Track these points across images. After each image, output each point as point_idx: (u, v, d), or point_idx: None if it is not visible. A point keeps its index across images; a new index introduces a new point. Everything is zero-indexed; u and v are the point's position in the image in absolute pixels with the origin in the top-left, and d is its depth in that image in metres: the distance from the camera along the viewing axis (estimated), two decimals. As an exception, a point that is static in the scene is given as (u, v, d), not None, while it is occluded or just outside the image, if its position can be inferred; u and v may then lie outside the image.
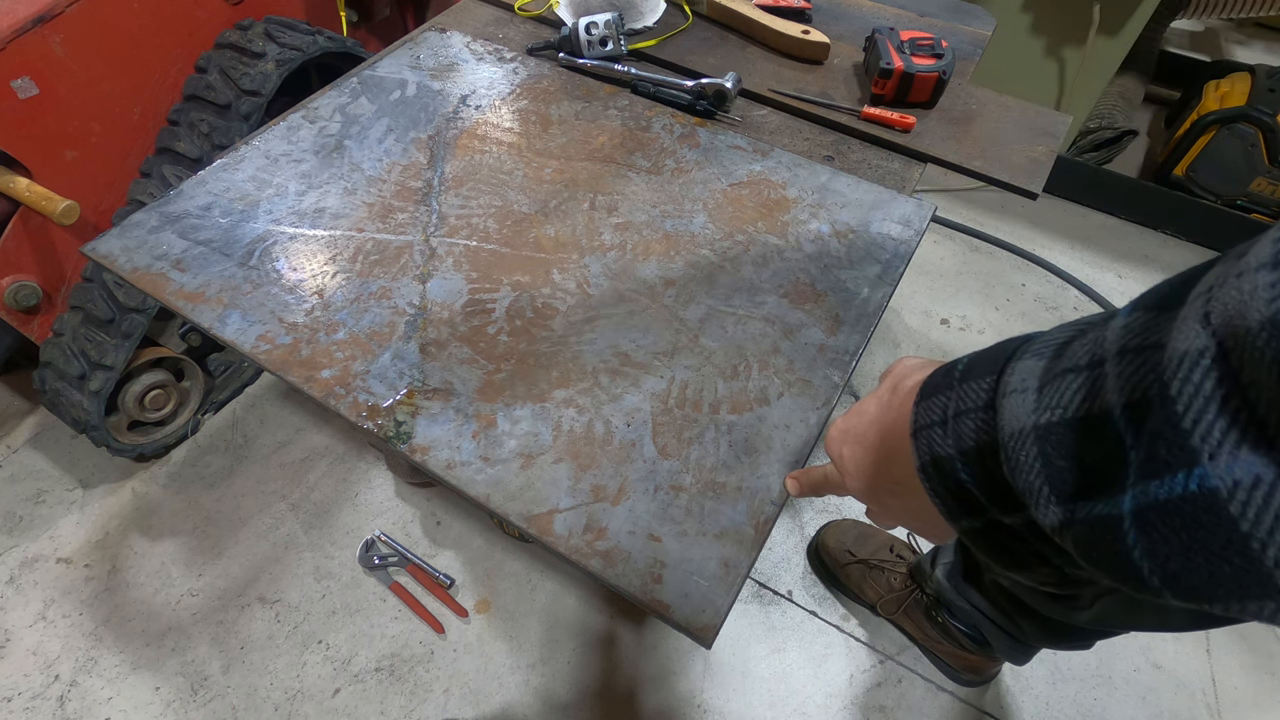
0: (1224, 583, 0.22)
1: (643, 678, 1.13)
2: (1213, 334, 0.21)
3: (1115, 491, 0.25)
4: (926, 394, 0.37)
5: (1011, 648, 0.95)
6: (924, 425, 0.36)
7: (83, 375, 1.18)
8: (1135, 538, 0.24)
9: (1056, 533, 0.28)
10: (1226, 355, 0.21)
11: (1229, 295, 0.21)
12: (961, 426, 0.34)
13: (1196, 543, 0.22)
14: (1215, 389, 0.21)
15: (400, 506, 1.30)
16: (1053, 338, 0.31)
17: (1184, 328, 0.23)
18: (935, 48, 0.95)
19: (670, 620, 0.53)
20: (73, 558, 1.24)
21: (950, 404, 0.35)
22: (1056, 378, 0.29)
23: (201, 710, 1.09)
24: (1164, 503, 0.22)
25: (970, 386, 0.34)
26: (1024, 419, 0.29)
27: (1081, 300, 1.68)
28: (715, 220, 0.81)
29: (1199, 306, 0.23)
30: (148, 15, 1.14)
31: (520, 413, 0.64)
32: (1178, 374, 0.22)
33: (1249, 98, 1.70)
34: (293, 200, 0.81)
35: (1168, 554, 0.23)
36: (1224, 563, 0.21)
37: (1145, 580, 0.24)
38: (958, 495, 0.35)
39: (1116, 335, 0.27)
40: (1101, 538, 0.25)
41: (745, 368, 0.68)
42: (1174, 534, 0.22)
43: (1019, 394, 0.30)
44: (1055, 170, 0.89)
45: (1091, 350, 0.28)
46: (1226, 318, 0.21)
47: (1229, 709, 1.11)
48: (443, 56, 1.01)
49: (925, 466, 0.36)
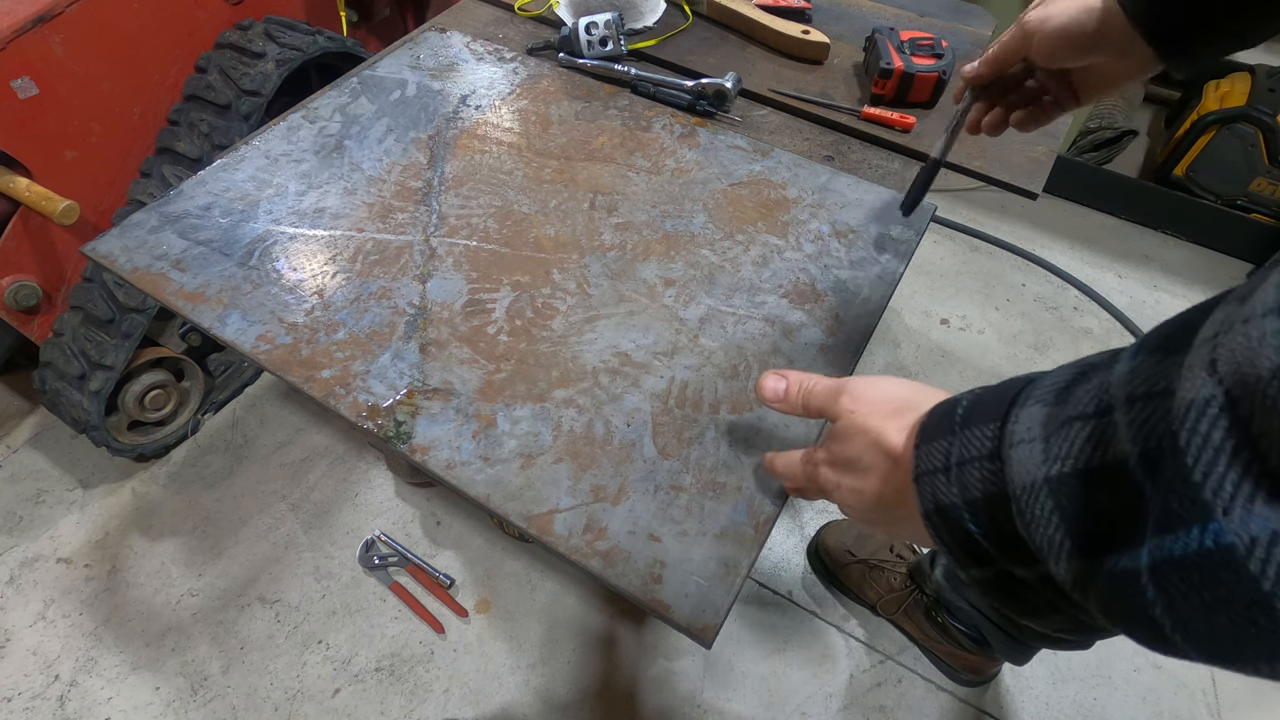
0: (1251, 644, 0.21)
1: (643, 678, 1.13)
2: (1219, 382, 0.21)
3: (1135, 544, 0.24)
4: (927, 437, 0.36)
5: (1011, 648, 0.95)
6: (926, 471, 0.35)
7: (83, 375, 1.18)
8: (1155, 593, 0.23)
9: (1077, 588, 0.27)
10: (1235, 404, 0.20)
11: (1236, 342, 0.21)
12: (967, 476, 0.33)
13: (1219, 602, 0.21)
14: (1224, 439, 0.20)
15: (400, 506, 1.30)
16: (1055, 381, 0.30)
17: (1190, 375, 0.22)
18: (935, 48, 0.95)
19: (670, 620, 0.53)
20: (73, 558, 1.24)
21: (954, 450, 0.34)
22: (1064, 425, 0.28)
23: (201, 710, 1.09)
24: (1180, 559, 0.21)
25: (973, 433, 0.33)
26: (1034, 470, 0.28)
27: (1082, 300, 1.68)
28: (715, 220, 0.81)
29: (1205, 353, 0.22)
30: (148, 15, 1.14)
31: (520, 413, 0.64)
32: (1185, 424, 0.21)
33: (1249, 98, 1.70)
34: (293, 200, 0.81)
35: (1189, 612, 0.22)
36: (1248, 624, 0.20)
37: (1168, 639, 0.23)
38: (965, 545, 0.34)
39: (1123, 381, 0.26)
40: (1122, 593, 0.24)
41: (745, 368, 0.68)
42: (1193, 592, 0.21)
43: (1026, 444, 0.29)
44: (1055, 170, 0.89)
45: (1098, 396, 0.27)
46: (1234, 365, 0.20)
47: (1229, 709, 1.11)
48: (443, 56, 1.01)
49: (929, 514, 0.35)
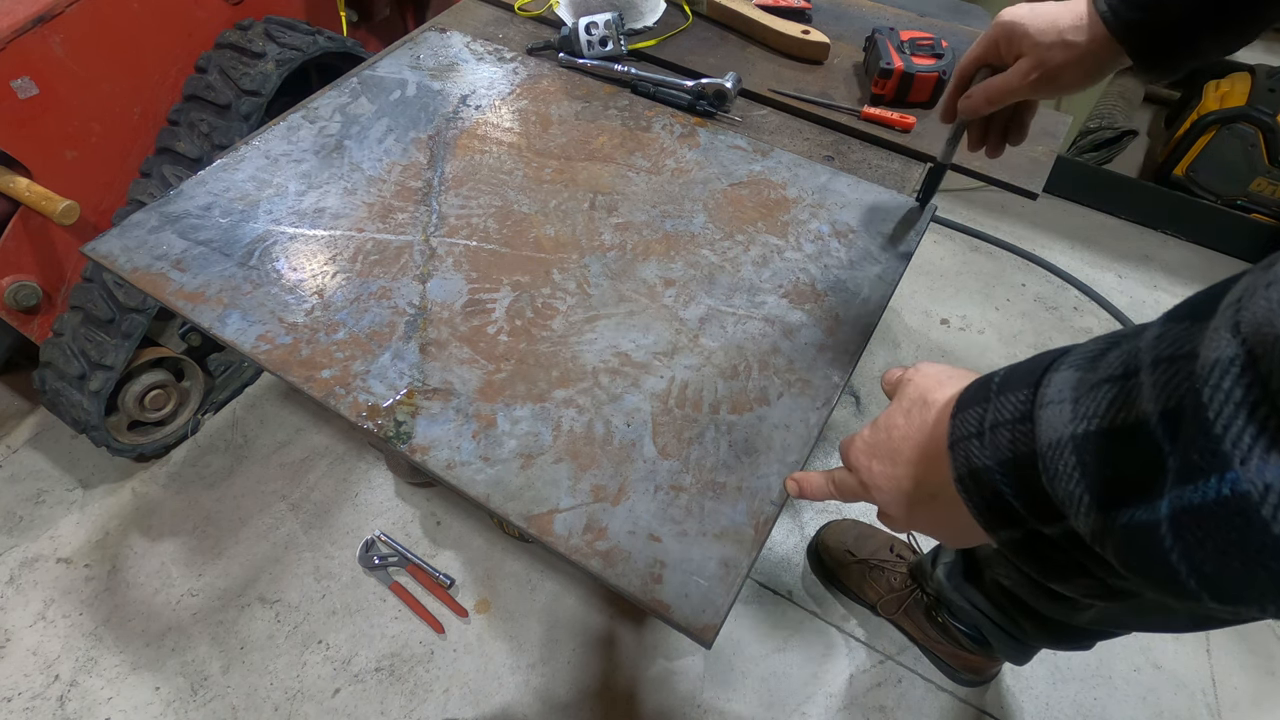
0: (1259, 586, 0.22)
1: (643, 678, 1.13)
2: (1242, 342, 0.22)
3: (1154, 497, 0.25)
4: (963, 406, 0.38)
5: (1012, 648, 0.95)
6: (961, 437, 0.37)
7: (83, 375, 1.18)
8: (1172, 541, 0.24)
9: (1096, 540, 0.29)
10: (1256, 363, 0.22)
11: (1258, 305, 0.22)
12: (999, 438, 0.34)
13: (1232, 546, 0.22)
14: (1245, 395, 0.22)
15: (400, 506, 1.30)
16: (1087, 350, 0.32)
17: (1215, 337, 0.23)
18: (935, 48, 0.95)
19: (670, 620, 0.53)
20: (73, 558, 1.24)
21: (987, 416, 0.36)
22: (1092, 388, 0.29)
23: (201, 710, 1.09)
24: (1198, 507, 0.23)
25: (1007, 399, 0.35)
26: (1061, 429, 0.30)
27: (1082, 300, 1.68)
28: (715, 220, 0.81)
29: (1229, 316, 0.23)
30: (148, 15, 1.14)
31: (520, 413, 0.64)
32: (1209, 381, 0.23)
33: (1249, 98, 1.70)
34: (293, 200, 0.81)
35: (1204, 557, 0.23)
36: (1259, 567, 0.22)
37: (1184, 584, 0.24)
38: (996, 506, 0.35)
39: (1150, 345, 0.27)
40: (1140, 543, 0.26)
41: (745, 368, 0.68)
42: (1209, 537, 0.23)
43: (1056, 405, 0.31)
44: (1055, 170, 0.89)
45: (1126, 361, 0.28)
46: (1256, 326, 0.22)
47: (1229, 709, 1.11)
48: (443, 56, 1.01)
49: (963, 478, 0.36)
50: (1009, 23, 0.59)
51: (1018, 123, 0.68)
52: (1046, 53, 0.56)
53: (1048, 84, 0.58)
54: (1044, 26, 0.56)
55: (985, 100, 0.63)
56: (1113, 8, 0.53)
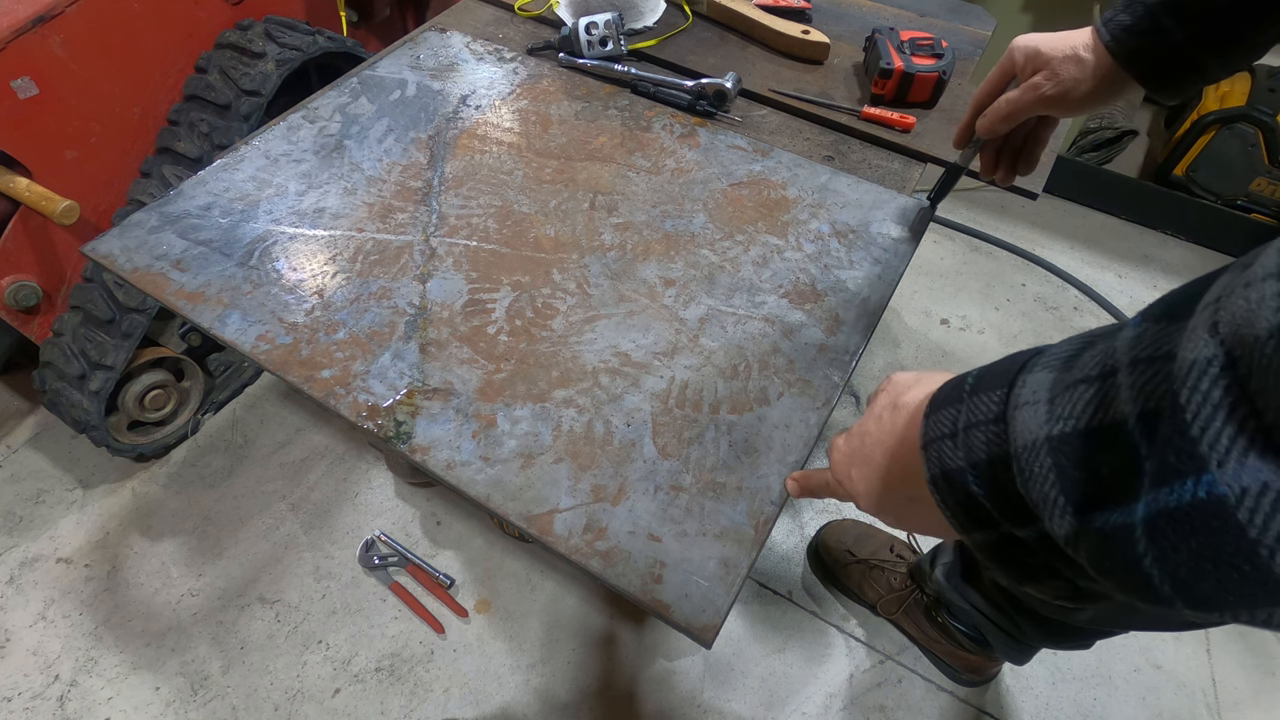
0: (1233, 590, 0.22)
1: (643, 678, 1.13)
2: (1220, 343, 0.22)
3: (1130, 500, 0.25)
4: (937, 407, 0.37)
5: (1011, 648, 0.95)
6: (934, 438, 0.37)
7: (83, 375, 1.18)
8: (1146, 546, 0.24)
9: (1070, 544, 0.28)
10: (1234, 363, 0.21)
11: (1236, 305, 0.22)
12: (972, 439, 0.34)
13: (1206, 549, 0.22)
14: (1223, 397, 0.21)
15: (400, 506, 1.30)
16: (1062, 350, 0.32)
17: (1193, 337, 0.23)
18: (935, 48, 0.95)
19: (670, 620, 0.53)
20: (73, 558, 1.24)
21: (961, 417, 0.35)
22: (1068, 389, 0.29)
23: (201, 710, 1.09)
24: (1173, 510, 0.23)
25: (981, 399, 0.35)
26: (1036, 430, 0.29)
27: (1082, 300, 1.68)
28: (715, 220, 0.81)
29: (1207, 316, 0.23)
30: (148, 15, 1.14)
31: (520, 413, 0.64)
32: (1186, 382, 0.22)
33: (1249, 98, 1.70)
34: (293, 200, 0.81)
35: (1177, 562, 0.23)
36: (1232, 570, 0.21)
37: (1157, 589, 0.24)
38: (968, 508, 0.35)
39: (1127, 346, 0.27)
40: (1115, 546, 0.25)
41: (745, 368, 0.68)
42: (1183, 541, 0.22)
43: (1030, 406, 0.30)
44: (1055, 170, 0.89)
45: (1102, 361, 0.28)
46: (1234, 327, 0.21)
47: (1229, 709, 1.11)
48: (443, 56, 1.01)
49: (935, 479, 0.36)
50: (1025, 45, 0.62)
51: (1028, 153, 0.70)
52: (1061, 65, 0.59)
53: (1061, 99, 0.60)
54: (1058, 43, 0.59)
55: (1000, 117, 0.64)
56: (1115, 36, 0.55)
